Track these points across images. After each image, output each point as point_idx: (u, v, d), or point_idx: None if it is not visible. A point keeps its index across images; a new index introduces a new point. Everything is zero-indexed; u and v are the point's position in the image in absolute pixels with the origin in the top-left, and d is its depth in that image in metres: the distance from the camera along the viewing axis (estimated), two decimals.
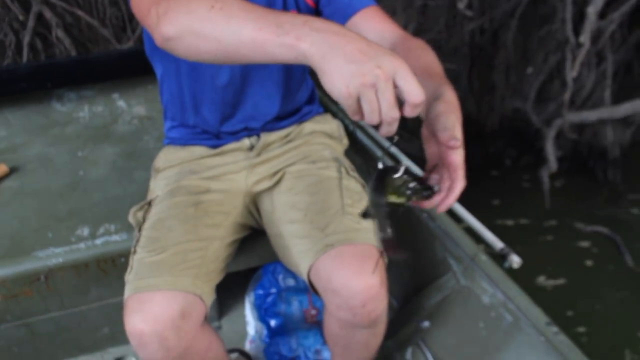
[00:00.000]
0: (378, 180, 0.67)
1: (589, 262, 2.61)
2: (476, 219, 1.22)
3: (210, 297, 0.96)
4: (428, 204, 0.73)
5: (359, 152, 1.57)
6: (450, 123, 0.67)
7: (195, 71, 1.06)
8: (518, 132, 3.47)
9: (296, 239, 0.99)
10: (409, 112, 0.59)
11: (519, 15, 3.11)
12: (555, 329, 0.99)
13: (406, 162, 1.32)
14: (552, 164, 2.84)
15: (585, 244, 2.71)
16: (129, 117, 1.73)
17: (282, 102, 1.13)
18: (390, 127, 0.60)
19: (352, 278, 0.89)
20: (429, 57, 0.84)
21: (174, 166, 1.15)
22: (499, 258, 1.13)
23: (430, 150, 0.73)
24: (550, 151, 2.89)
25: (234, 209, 1.10)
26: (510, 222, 2.81)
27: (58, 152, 1.55)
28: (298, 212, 1.02)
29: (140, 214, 1.07)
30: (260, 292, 1.49)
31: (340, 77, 0.57)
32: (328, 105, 1.65)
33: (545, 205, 2.87)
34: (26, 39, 2.48)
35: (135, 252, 0.97)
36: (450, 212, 1.24)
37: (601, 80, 3.02)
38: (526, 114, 3.30)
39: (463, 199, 1.27)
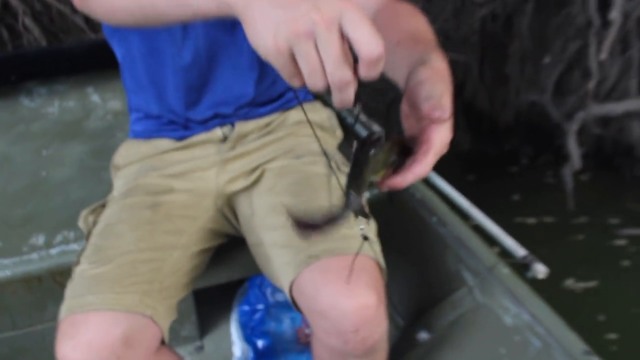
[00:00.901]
0: (361, 158, 0.54)
1: (623, 263, 2.56)
2: (493, 221, 1.18)
3: (167, 318, 0.90)
4: (390, 182, 0.57)
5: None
6: (436, 91, 0.55)
7: (155, 52, 1.01)
8: (535, 128, 3.43)
9: (277, 249, 0.93)
10: (365, 71, 0.47)
11: None
12: (595, 359, 0.91)
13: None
14: (576, 161, 2.76)
15: (618, 243, 2.67)
16: (103, 113, 1.71)
17: (258, 83, 1.07)
18: (344, 94, 0.48)
19: (341, 296, 0.81)
20: (419, 23, 0.75)
21: (134, 163, 1.10)
22: (521, 267, 1.08)
23: (410, 131, 0.60)
24: (573, 147, 2.83)
25: (203, 213, 1.04)
26: (531, 221, 2.75)
27: (20, 151, 1.53)
28: (279, 217, 0.97)
29: (91, 218, 1.02)
30: (246, 308, 1.45)
31: (264, 26, 0.48)
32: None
33: (569, 206, 2.82)
34: None
35: (78, 262, 0.92)
36: (464, 215, 1.20)
37: (626, 69, 2.93)
38: (544, 108, 3.24)
39: (477, 198, 1.23)
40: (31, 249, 1.19)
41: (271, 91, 1.11)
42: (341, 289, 0.82)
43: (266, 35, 0.48)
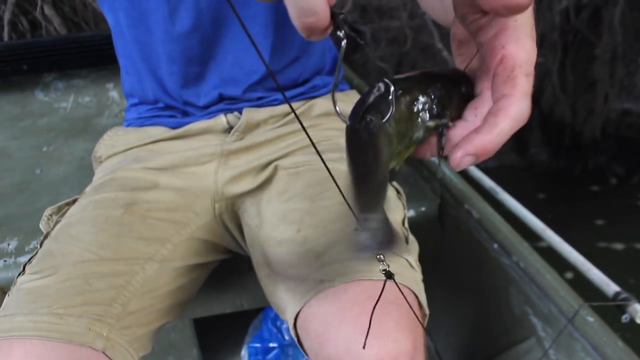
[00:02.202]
0: (364, 140, 0.35)
1: None
2: (574, 249, 1.09)
3: (129, 354, 0.78)
4: (468, 146, 0.38)
5: None
6: None
7: (144, 16, 0.94)
8: (627, 141, 3.38)
9: (284, 269, 0.84)
10: None
11: None
12: None
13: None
14: None
15: None
16: (118, 110, 1.72)
17: (273, 55, 0.99)
18: (299, 2, 0.33)
19: (360, 339, 0.67)
20: None
21: (120, 153, 1.03)
22: (612, 308, 0.97)
23: (466, 62, 0.44)
24: None
25: (195, 218, 0.94)
26: (618, 246, 2.65)
27: (20, 147, 1.55)
28: (290, 227, 0.86)
29: (55, 219, 0.94)
30: (257, 345, 1.41)
31: None
32: (353, 81, 1.60)
33: None
34: (7, 16, 2.50)
35: (22, 272, 0.82)
36: (537, 242, 1.11)
37: None
38: (639, 117, 3.20)
39: (554, 222, 1.12)
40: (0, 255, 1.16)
41: (292, 72, 1.03)
42: (360, 329, 0.69)
43: None
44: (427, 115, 0.37)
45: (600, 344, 0.90)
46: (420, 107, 0.36)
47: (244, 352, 1.41)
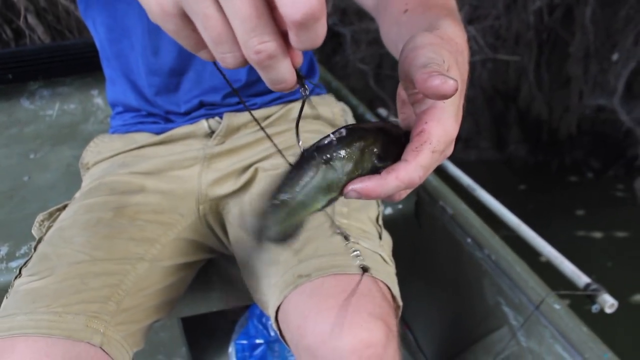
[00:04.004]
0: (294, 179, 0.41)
1: None
2: (547, 242, 1.11)
3: (124, 349, 0.80)
4: (358, 186, 0.44)
5: None
6: (438, 58, 0.44)
7: (120, 27, 0.95)
8: (602, 136, 3.37)
9: (265, 267, 0.85)
10: (295, 37, 0.37)
11: None
12: None
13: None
14: None
15: None
16: (103, 116, 1.73)
17: (253, 68, 0.95)
18: (271, 72, 0.39)
19: (335, 329, 0.70)
20: None
21: (106, 160, 1.04)
22: (583, 300, 1.00)
23: (407, 120, 0.51)
24: None
25: (181, 220, 0.96)
26: (597, 235, 2.67)
27: (6, 154, 1.55)
28: None
29: (47, 224, 0.95)
30: (244, 342, 1.42)
31: None
32: (331, 83, 1.60)
33: None
34: None
35: (19, 275, 0.83)
36: (507, 231, 1.13)
37: None
38: (613, 113, 3.18)
39: (533, 215, 1.14)
40: None
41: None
42: (337, 320, 0.71)
43: None
44: (373, 158, 0.43)
45: (566, 330, 0.93)
46: (368, 152, 0.42)
47: (231, 349, 1.42)
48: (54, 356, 0.71)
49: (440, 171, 1.30)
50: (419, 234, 1.25)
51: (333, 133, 0.41)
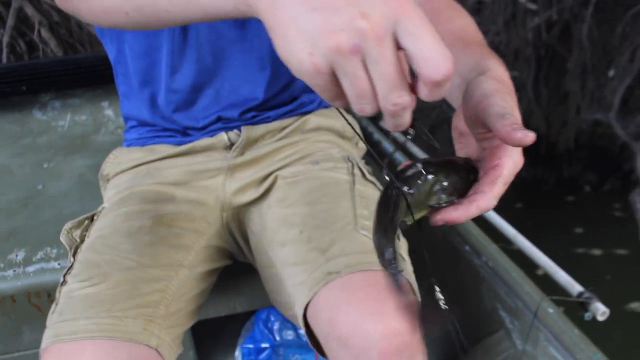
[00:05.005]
0: (390, 199, 0.50)
1: None
2: (542, 252, 1.13)
3: (173, 351, 0.84)
4: (446, 216, 0.53)
5: (380, 165, 1.45)
6: (507, 105, 0.51)
7: (150, 49, 0.98)
8: (599, 150, 3.37)
9: (289, 268, 0.88)
10: (428, 94, 0.42)
11: (594, 2, 2.96)
12: None
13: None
14: None
15: None
16: (114, 127, 1.74)
17: (269, 85, 1.03)
18: (398, 119, 0.44)
19: (367, 319, 0.74)
20: (465, 20, 0.71)
21: (128, 170, 1.05)
22: (576, 307, 1.02)
23: (465, 149, 0.58)
24: None
25: (209, 227, 0.99)
26: (597, 252, 2.71)
27: (21, 164, 1.57)
28: (291, 229, 0.91)
29: (76, 232, 0.96)
30: (250, 346, 1.41)
31: (298, 37, 0.41)
32: None
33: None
34: (5, 39, 2.50)
35: (64, 282, 0.85)
36: (504, 243, 1.16)
37: None
38: (609, 128, 3.18)
39: (531, 230, 1.17)
40: (8, 266, 1.16)
41: (284, 95, 1.07)
42: (367, 310, 0.75)
43: (300, 49, 0.41)
44: (442, 194, 0.51)
45: (559, 333, 0.96)
46: (439, 187, 0.51)
47: (238, 353, 1.42)
48: (119, 358, 0.75)
49: None
50: (419, 241, 1.29)
51: (411, 166, 0.51)
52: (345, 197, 0.94)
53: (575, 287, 1.03)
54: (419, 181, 0.49)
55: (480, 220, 1.23)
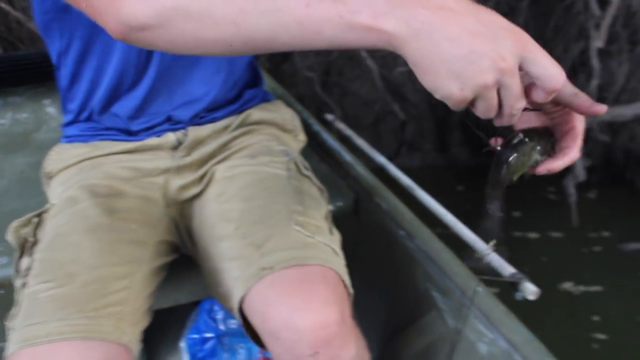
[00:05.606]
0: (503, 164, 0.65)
1: (630, 283, 2.60)
2: (478, 235, 1.14)
3: (137, 347, 0.85)
4: (548, 166, 0.69)
5: (320, 154, 1.47)
6: (572, 86, 0.65)
7: (105, 46, 0.95)
8: None
9: (227, 262, 0.90)
10: (545, 99, 0.56)
11: None
12: None
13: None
14: (579, 171, 2.70)
15: (625, 261, 2.72)
16: (56, 124, 1.70)
17: (222, 87, 1.05)
18: (514, 118, 0.57)
19: (295, 313, 0.78)
20: None
21: (72, 166, 1.03)
22: (509, 288, 1.03)
23: (526, 124, 0.71)
24: None
25: (159, 223, 0.99)
26: (533, 235, 2.82)
27: None
28: (229, 225, 0.93)
29: (27, 231, 0.93)
30: (195, 336, 1.41)
31: (449, 76, 0.51)
32: (276, 89, 1.62)
33: (572, 223, 2.80)
34: None
35: (24, 285, 0.83)
36: (440, 226, 1.17)
37: (635, 70, 2.88)
38: None
39: (467, 210, 1.20)
40: None
41: (231, 94, 1.08)
42: (296, 305, 0.79)
43: (451, 85, 0.51)
44: (538, 154, 0.66)
45: (486, 310, 1.00)
46: (537, 149, 0.66)
47: (183, 344, 1.41)
48: (94, 358, 0.75)
49: (377, 170, 1.36)
50: (358, 228, 1.29)
51: (512, 137, 0.66)
52: (280, 192, 0.96)
53: (507, 269, 1.05)
54: (524, 146, 0.64)
55: (421, 209, 1.26)
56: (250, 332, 0.86)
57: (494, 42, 0.50)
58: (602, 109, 0.63)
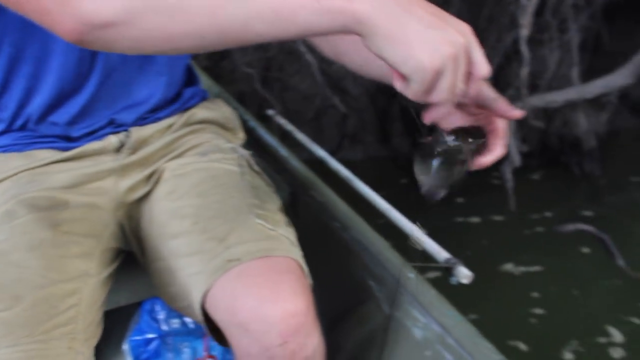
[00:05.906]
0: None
1: (567, 262, 2.71)
2: (411, 222, 1.15)
3: None
4: (482, 161, 0.75)
5: (256, 150, 1.44)
6: (493, 91, 0.73)
7: (42, 52, 0.88)
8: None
9: (183, 259, 0.88)
10: (474, 86, 0.61)
11: None
12: None
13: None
14: (515, 157, 2.77)
15: (561, 241, 2.83)
16: None
17: (165, 89, 1.03)
18: (456, 99, 0.60)
19: (265, 304, 0.79)
20: None
21: (7, 179, 0.95)
22: (444, 273, 1.05)
23: (453, 123, 0.75)
24: (511, 143, 2.81)
25: (104, 230, 0.96)
26: (475, 219, 2.90)
27: None
28: (184, 221, 0.92)
29: None
30: (138, 338, 1.38)
31: (422, 46, 0.55)
32: (212, 87, 1.63)
33: (510, 207, 2.87)
34: None
35: None
36: (376, 215, 1.18)
37: (566, 57, 2.96)
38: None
39: (411, 202, 1.22)
40: None
41: (169, 93, 1.06)
42: (265, 295, 0.79)
43: (423, 55, 0.54)
44: (472, 148, 0.71)
45: (418, 295, 1.02)
46: (471, 145, 0.70)
47: (126, 346, 1.38)
48: None
49: (314, 163, 1.36)
50: (296, 222, 1.29)
51: (443, 134, 0.70)
52: (236, 187, 0.96)
53: (442, 254, 1.06)
54: (461, 142, 0.68)
55: (356, 196, 1.27)
56: (210, 329, 0.85)
57: (451, 23, 0.56)
58: (518, 114, 0.70)
